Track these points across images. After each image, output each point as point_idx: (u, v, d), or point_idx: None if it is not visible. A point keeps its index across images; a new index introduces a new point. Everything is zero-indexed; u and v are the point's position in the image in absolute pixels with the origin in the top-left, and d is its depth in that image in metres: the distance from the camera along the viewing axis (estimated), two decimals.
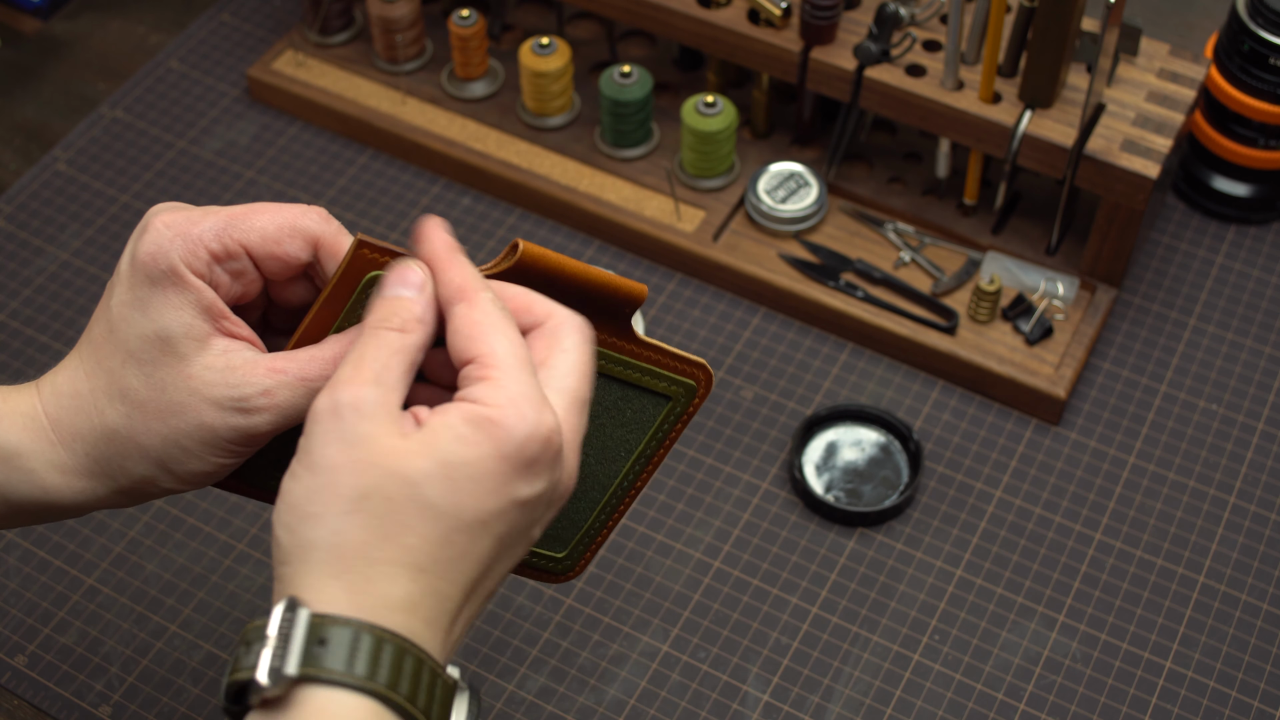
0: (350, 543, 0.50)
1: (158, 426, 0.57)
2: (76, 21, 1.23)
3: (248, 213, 0.58)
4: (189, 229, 0.57)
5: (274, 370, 0.57)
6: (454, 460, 0.51)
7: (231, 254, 0.57)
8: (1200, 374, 1.00)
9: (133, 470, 0.58)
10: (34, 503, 0.59)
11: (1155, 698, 0.86)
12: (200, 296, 0.56)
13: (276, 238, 0.58)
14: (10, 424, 0.59)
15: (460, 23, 1.09)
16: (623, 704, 0.86)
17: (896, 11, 0.97)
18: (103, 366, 0.58)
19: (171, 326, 0.56)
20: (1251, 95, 1.03)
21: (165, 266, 0.56)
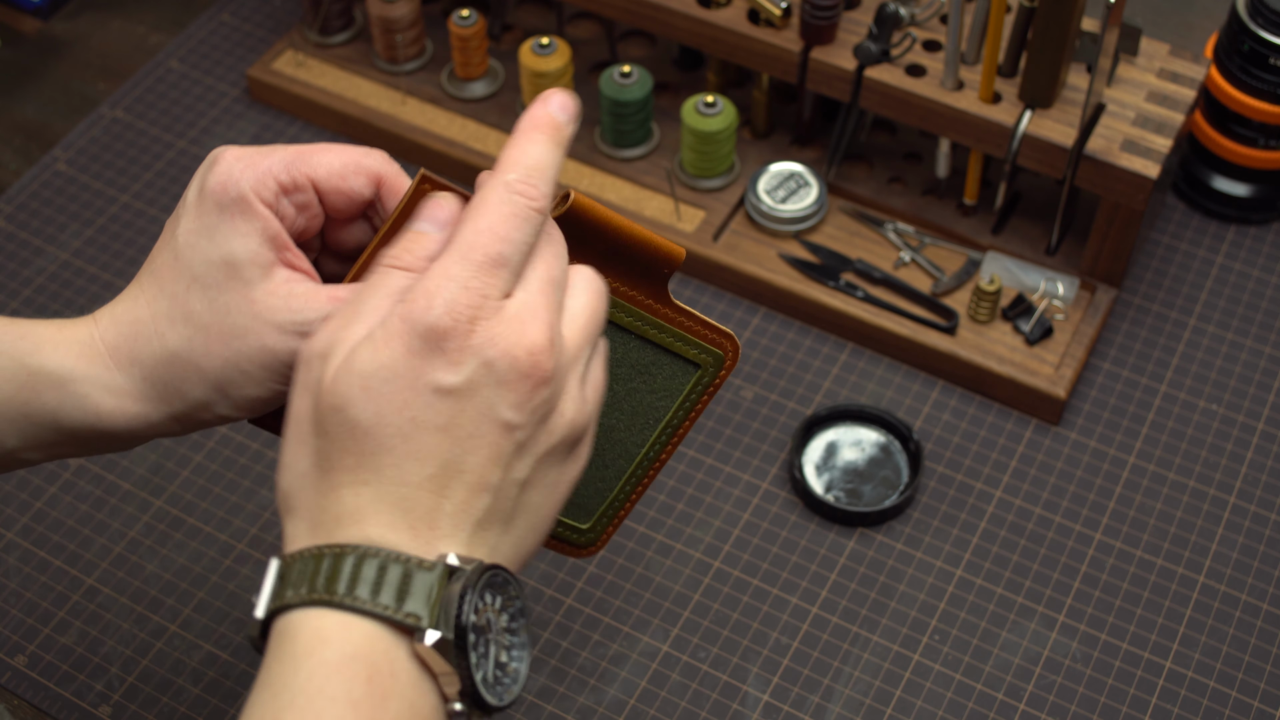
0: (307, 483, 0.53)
1: (219, 349, 0.58)
2: (76, 21, 1.23)
3: (314, 150, 0.60)
4: (259, 160, 0.58)
5: (334, 298, 0.58)
6: (367, 370, 0.52)
7: (299, 186, 0.59)
8: (1200, 374, 1.01)
9: (190, 394, 0.60)
10: (86, 428, 0.61)
11: (1155, 698, 0.86)
12: (267, 225, 0.58)
13: (342, 173, 0.59)
14: (65, 350, 0.60)
15: (460, 23, 1.09)
16: (623, 704, 0.86)
17: (896, 11, 0.97)
18: (165, 292, 0.59)
19: (238, 252, 0.58)
20: (1251, 95, 1.03)
21: (235, 194, 0.58)
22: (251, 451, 0.96)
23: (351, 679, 0.50)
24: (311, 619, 0.51)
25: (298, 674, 0.50)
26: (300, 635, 0.51)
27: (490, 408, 0.53)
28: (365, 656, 0.50)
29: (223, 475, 0.95)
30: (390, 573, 0.51)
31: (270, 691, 0.50)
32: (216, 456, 0.96)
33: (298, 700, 0.49)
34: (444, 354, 0.52)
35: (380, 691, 0.50)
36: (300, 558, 0.52)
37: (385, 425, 0.52)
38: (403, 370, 0.51)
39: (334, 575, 0.51)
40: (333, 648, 0.50)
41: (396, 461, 0.52)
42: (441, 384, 0.52)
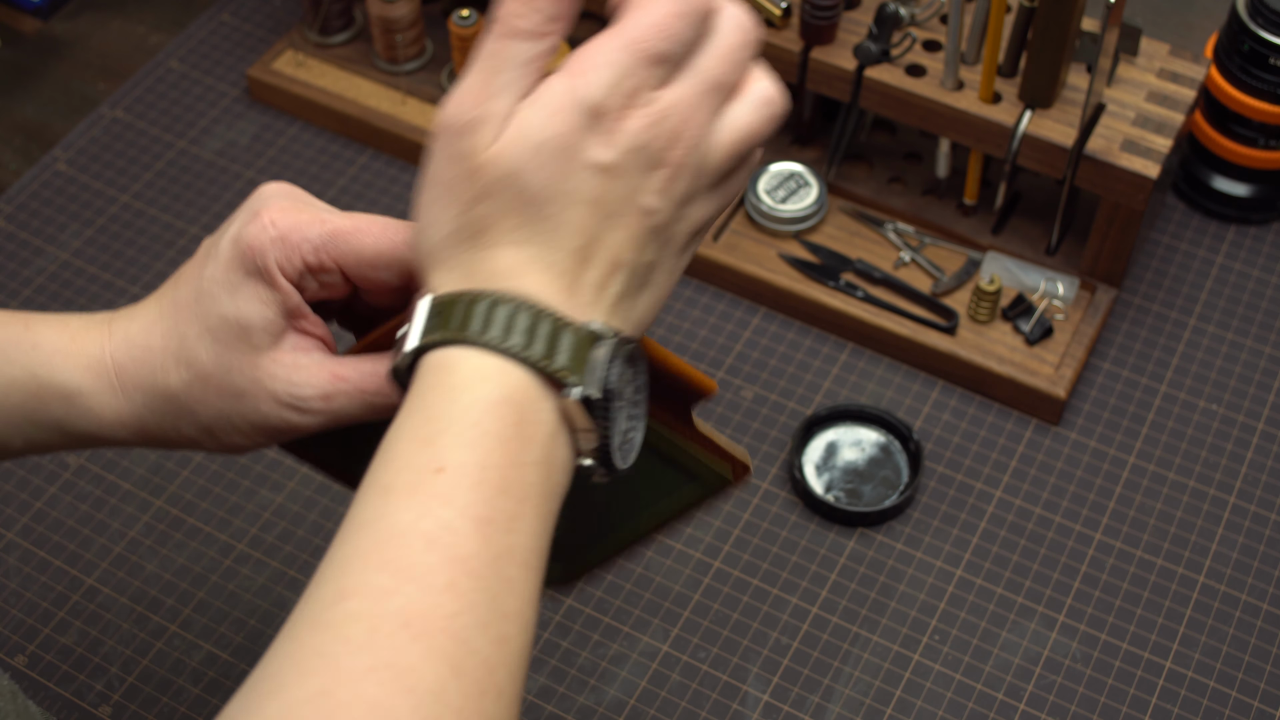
0: (463, 240, 0.54)
1: (215, 401, 0.60)
2: (76, 21, 1.23)
3: (354, 231, 0.60)
4: (290, 235, 0.59)
5: (336, 377, 0.60)
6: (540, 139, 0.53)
7: (325, 269, 0.60)
8: (1200, 374, 1.01)
9: (182, 430, 0.62)
10: (87, 435, 0.63)
11: (1155, 698, 0.86)
12: (286, 299, 0.59)
13: (373, 264, 0.60)
14: (77, 363, 0.62)
15: (460, 23, 1.09)
16: (623, 704, 0.86)
17: (896, 11, 0.97)
18: (179, 330, 0.61)
19: (252, 317, 0.59)
20: (1251, 95, 1.03)
21: (261, 264, 0.59)
22: None
23: (504, 418, 0.52)
24: (470, 357, 0.53)
25: (454, 405, 0.52)
26: (459, 370, 0.53)
27: (633, 191, 0.54)
28: (517, 401, 0.52)
29: (223, 475, 0.95)
30: (542, 325, 0.53)
31: (424, 416, 0.52)
32: (216, 456, 0.96)
33: (453, 428, 0.52)
34: (601, 132, 0.53)
35: (526, 435, 0.52)
36: (459, 299, 0.53)
37: (550, 191, 0.53)
38: (569, 142, 0.53)
39: (492, 319, 0.53)
40: (490, 386, 0.52)
41: (553, 228, 0.54)
42: (597, 160, 0.53)
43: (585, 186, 0.54)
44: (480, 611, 0.50)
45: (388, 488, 0.51)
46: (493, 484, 0.52)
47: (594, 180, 0.54)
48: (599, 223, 0.54)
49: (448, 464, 0.51)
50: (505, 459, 0.52)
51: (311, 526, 0.93)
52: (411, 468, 0.52)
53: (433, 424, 0.52)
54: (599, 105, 0.53)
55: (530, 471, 0.53)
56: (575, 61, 0.53)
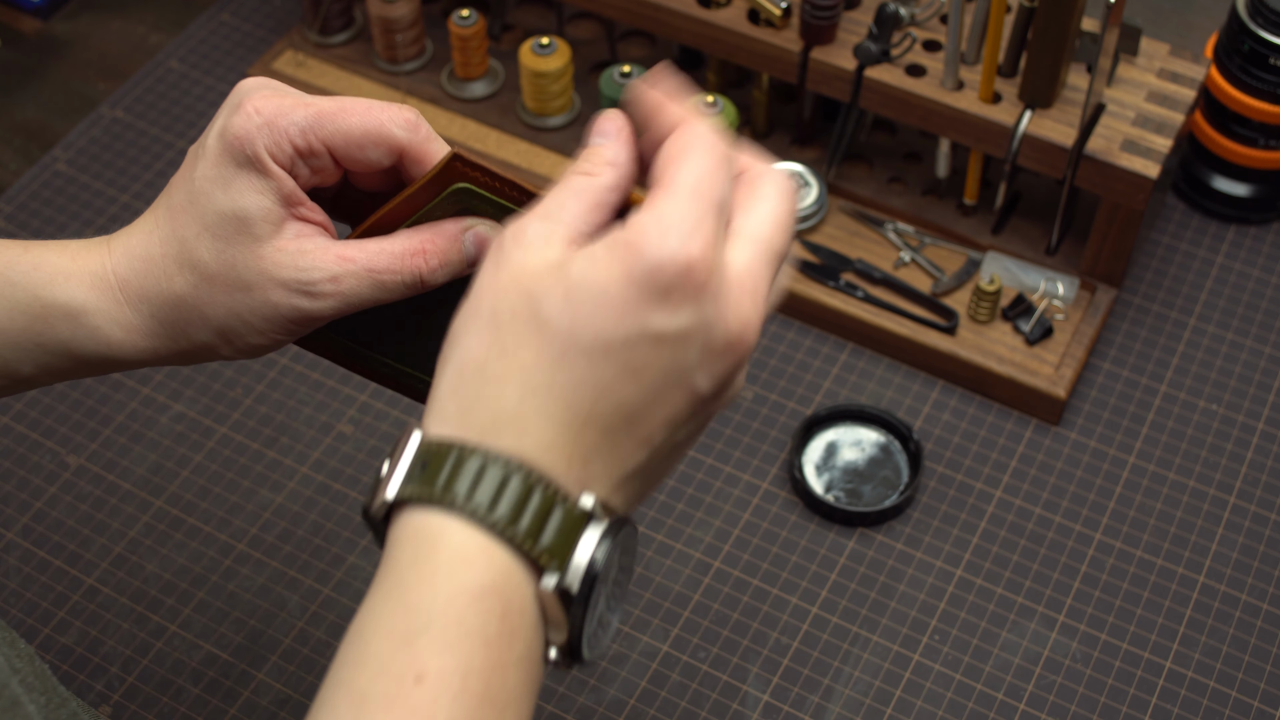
0: (472, 359, 0.50)
1: (223, 299, 0.59)
2: (76, 21, 1.23)
3: (337, 112, 0.58)
4: (276, 120, 0.58)
5: (343, 258, 0.58)
6: (578, 279, 0.49)
7: (314, 152, 0.58)
8: (1200, 374, 1.01)
9: (194, 336, 0.60)
10: (98, 357, 0.62)
11: (1155, 698, 0.86)
12: (281, 185, 0.58)
13: (360, 143, 0.58)
14: (79, 282, 0.61)
15: (460, 23, 1.09)
16: (623, 704, 0.86)
17: (896, 11, 0.97)
18: (177, 234, 0.59)
19: (250, 208, 0.58)
20: (1251, 95, 1.03)
21: (250, 152, 0.57)
22: (251, 451, 0.96)
23: (488, 613, 0.48)
24: (454, 531, 0.48)
25: (437, 596, 0.48)
26: (441, 548, 0.48)
27: (688, 367, 0.50)
28: (501, 590, 0.48)
29: (223, 475, 0.95)
30: (535, 498, 0.48)
31: (404, 605, 0.48)
32: (216, 456, 0.96)
33: (434, 626, 0.47)
34: (667, 296, 0.48)
35: (510, 629, 0.48)
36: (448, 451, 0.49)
37: (577, 339, 0.49)
38: (615, 294, 0.48)
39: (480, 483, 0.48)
40: (474, 574, 0.48)
41: (575, 382, 0.49)
42: (651, 326, 0.49)
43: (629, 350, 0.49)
44: None
45: (362, 696, 0.47)
46: (475, 693, 0.47)
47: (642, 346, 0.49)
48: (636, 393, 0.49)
49: (428, 671, 0.47)
50: (488, 662, 0.48)
51: (311, 526, 0.93)
52: (388, 673, 0.47)
53: (413, 617, 0.48)
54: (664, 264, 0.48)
55: (513, 672, 0.48)
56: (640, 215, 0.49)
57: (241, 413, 0.98)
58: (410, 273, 0.58)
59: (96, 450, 0.96)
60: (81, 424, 0.97)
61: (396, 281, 0.58)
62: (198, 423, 0.97)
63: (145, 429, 0.97)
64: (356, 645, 0.48)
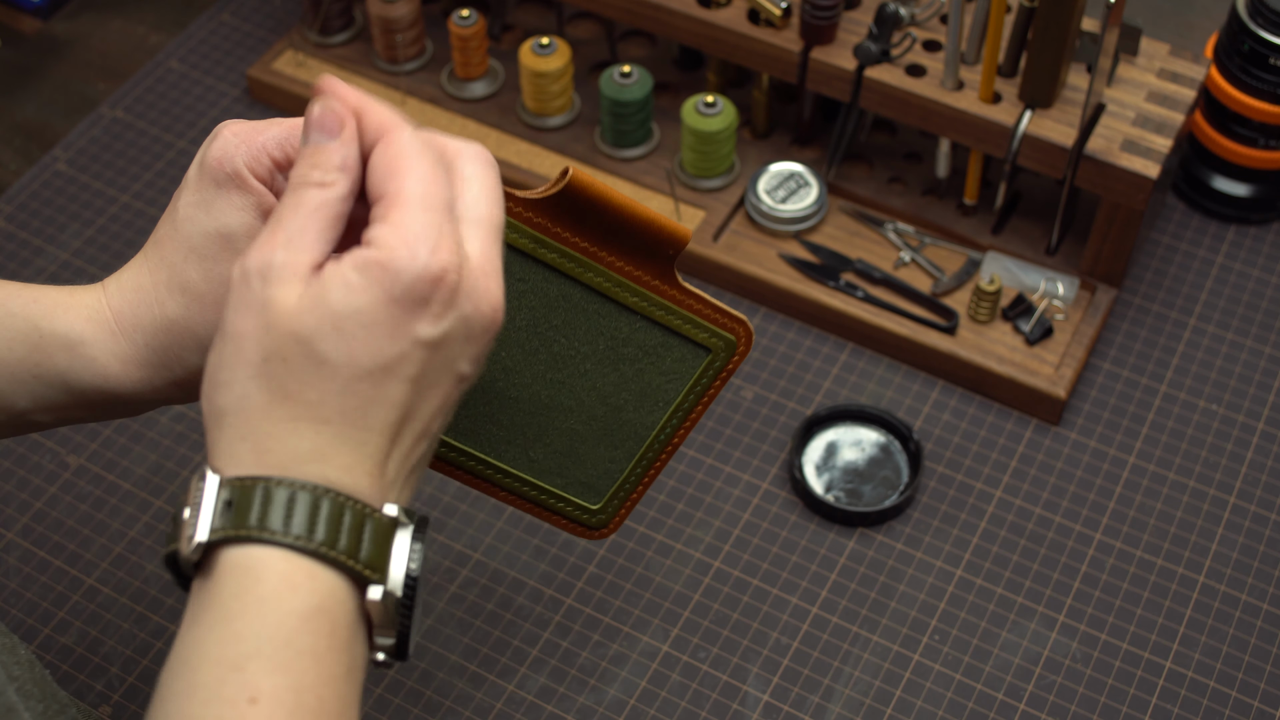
0: (254, 406, 0.51)
1: (214, 317, 0.60)
2: (76, 21, 1.24)
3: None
4: (253, 137, 0.60)
5: None
6: (342, 310, 0.51)
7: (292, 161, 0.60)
8: (1200, 374, 1.01)
9: (189, 360, 0.61)
10: (95, 390, 0.62)
11: (1155, 698, 0.86)
12: (261, 199, 0.60)
13: None
14: (76, 315, 0.62)
15: (460, 23, 1.09)
16: (623, 704, 0.86)
17: (896, 11, 0.97)
18: (165, 261, 0.61)
19: (233, 225, 0.59)
20: (1251, 95, 1.03)
21: (230, 170, 0.59)
22: None
23: (318, 632, 0.50)
24: (277, 561, 0.50)
25: (265, 621, 0.49)
26: (266, 578, 0.50)
27: (454, 360, 0.53)
28: (329, 609, 0.50)
29: None
30: (347, 518, 0.51)
31: (231, 633, 0.49)
32: None
33: (265, 649, 0.49)
34: (428, 306, 0.51)
35: (339, 644, 0.50)
36: (256, 485, 0.51)
37: (357, 367, 0.51)
38: (382, 318, 0.51)
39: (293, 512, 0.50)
40: (301, 597, 0.50)
41: (361, 405, 0.51)
42: (422, 336, 0.52)
43: (406, 362, 0.52)
44: None
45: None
46: (310, 708, 0.49)
47: (416, 354, 0.52)
48: (416, 395, 0.53)
49: (261, 693, 0.48)
50: (320, 677, 0.50)
51: None
52: (220, 699, 0.48)
53: (242, 644, 0.49)
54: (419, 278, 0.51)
55: (343, 684, 0.50)
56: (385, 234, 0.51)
57: None
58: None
59: (96, 450, 0.96)
60: (81, 424, 0.97)
61: None
62: (198, 423, 0.97)
63: (145, 429, 0.97)
64: (183, 676, 0.49)
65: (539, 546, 0.92)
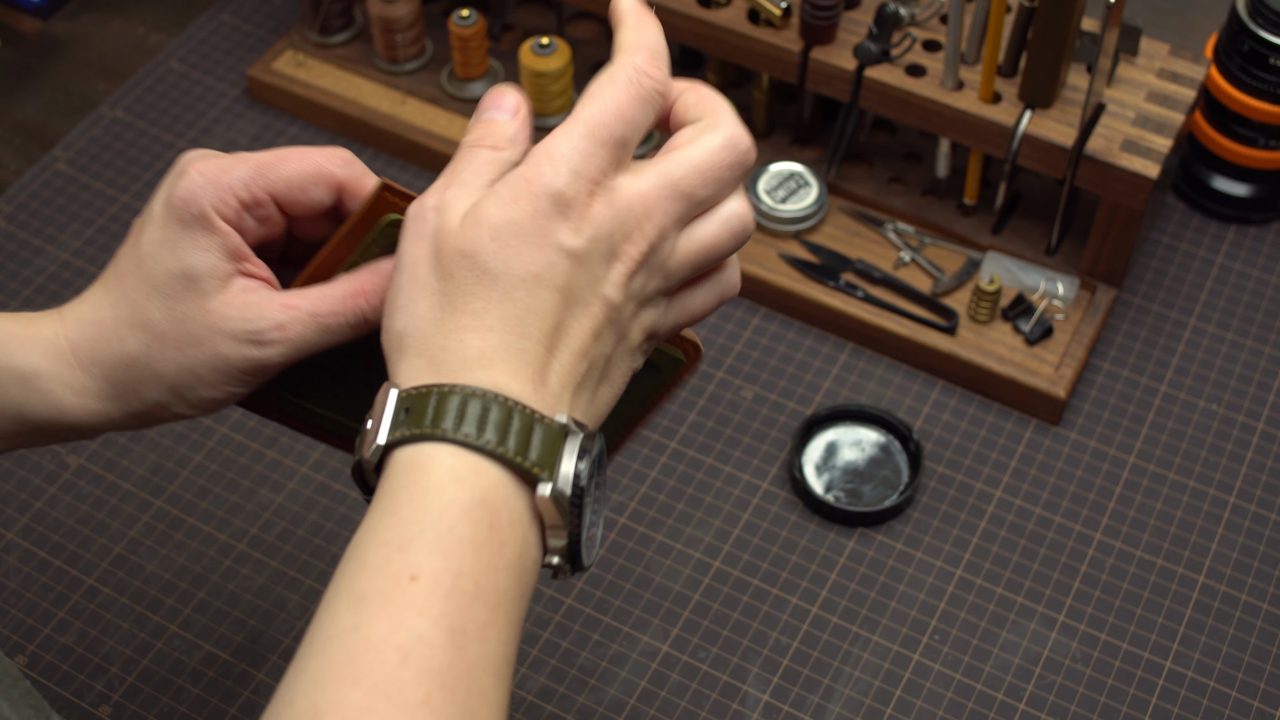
0: (427, 323, 0.55)
1: (175, 355, 0.60)
2: (76, 21, 1.24)
3: (275, 161, 0.62)
4: (220, 177, 0.60)
5: (288, 306, 0.60)
6: (497, 222, 0.54)
7: (259, 202, 0.61)
8: (1200, 374, 1.01)
9: (147, 396, 0.62)
10: (49, 422, 0.62)
11: (1155, 698, 0.86)
12: (226, 241, 0.60)
13: (302, 185, 0.62)
14: (32, 347, 0.62)
15: (460, 23, 1.09)
16: (623, 704, 0.86)
17: (896, 11, 0.97)
18: (127, 298, 0.61)
19: (197, 266, 0.60)
20: (1251, 95, 1.03)
21: (196, 211, 0.60)
22: (251, 451, 0.96)
23: (478, 522, 0.52)
24: (444, 455, 0.53)
25: (429, 509, 0.52)
26: (434, 471, 0.53)
27: (597, 281, 0.55)
28: (491, 502, 0.53)
29: (223, 475, 0.95)
30: (516, 421, 0.53)
31: (398, 519, 0.52)
32: (216, 456, 0.96)
33: (427, 533, 0.52)
34: (567, 218, 0.54)
35: (500, 538, 0.53)
36: (431, 393, 0.54)
37: (512, 275, 0.54)
38: (529, 226, 0.54)
39: (465, 415, 0.53)
40: (465, 488, 0.52)
41: (520, 313, 0.54)
42: (564, 244, 0.54)
43: (553, 271, 0.54)
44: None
45: (360, 595, 0.51)
46: (466, 592, 0.51)
47: (561, 265, 0.54)
48: (566, 309, 0.55)
49: (421, 572, 0.51)
50: (479, 565, 0.52)
51: (311, 526, 0.93)
52: (384, 575, 0.51)
53: (406, 528, 0.52)
54: (561, 192, 0.54)
55: (503, 576, 0.53)
56: (536, 152, 0.55)
57: (241, 412, 0.98)
58: (354, 313, 0.61)
59: (96, 450, 0.96)
60: None
61: (341, 323, 0.61)
62: (198, 423, 0.97)
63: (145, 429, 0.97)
64: (353, 556, 0.53)
65: None
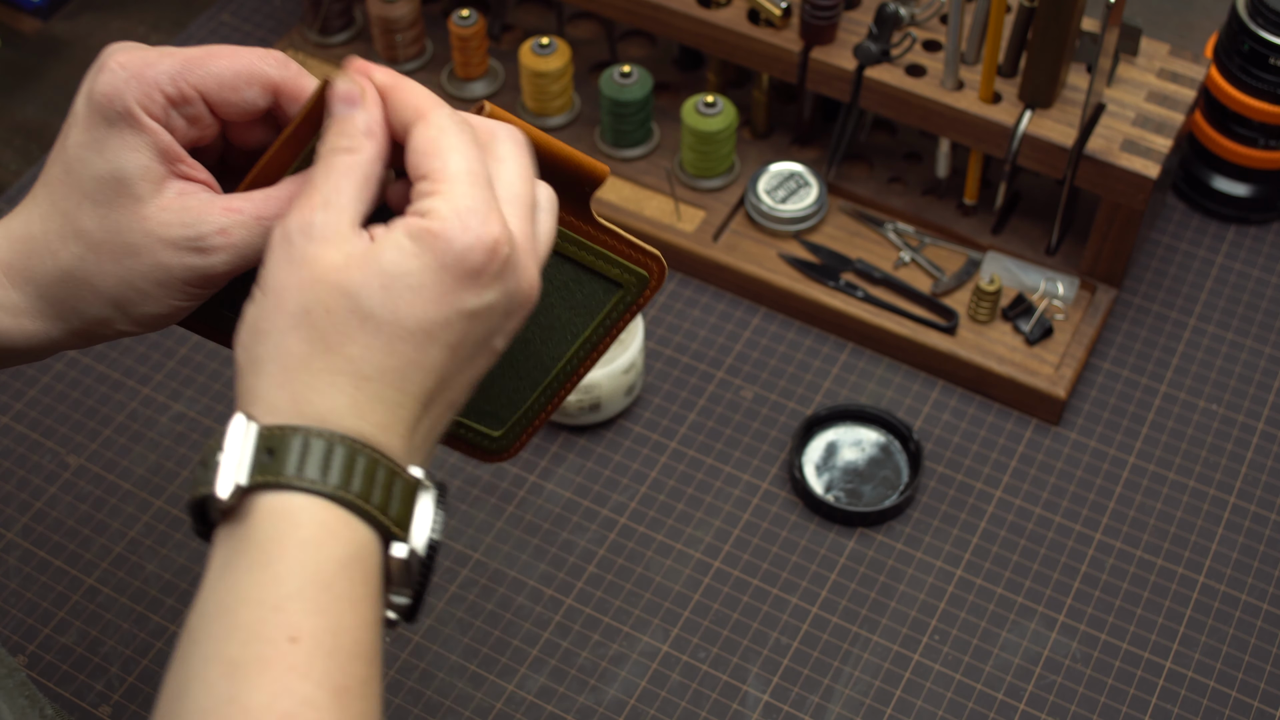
0: (294, 355, 0.51)
1: (113, 268, 0.57)
2: (76, 21, 1.24)
3: (205, 57, 0.57)
4: (144, 71, 0.56)
5: (230, 210, 0.56)
6: (393, 271, 0.51)
7: (187, 99, 0.57)
8: (1200, 374, 1.01)
9: (87, 312, 0.58)
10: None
11: (1155, 698, 0.86)
12: (156, 139, 0.56)
13: (234, 84, 0.57)
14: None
15: (460, 23, 1.09)
16: (623, 704, 0.86)
17: (896, 11, 0.97)
18: (58, 208, 0.58)
19: (127, 168, 0.56)
20: (1251, 95, 1.03)
21: (120, 108, 0.56)
22: None
23: (353, 579, 0.50)
24: (315, 509, 0.50)
25: (304, 566, 0.50)
26: (304, 524, 0.50)
27: (491, 335, 0.54)
28: (363, 559, 0.51)
29: None
30: (380, 475, 0.51)
31: (270, 575, 0.49)
32: None
33: (306, 591, 0.49)
34: (478, 278, 0.52)
35: (371, 593, 0.51)
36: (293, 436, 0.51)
37: (400, 326, 0.51)
38: (430, 282, 0.51)
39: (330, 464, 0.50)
40: (340, 544, 0.50)
41: (402, 367, 0.52)
42: (466, 306, 0.52)
43: (448, 330, 0.52)
44: None
45: (234, 662, 0.48)
46: (347, 650, 0.49)
47: (459, 325, 0.52)
48: (452, 365, 0.53)
49: (301, 632, 0.49)
50: (356, 621, 0.50)
51: None
52: (260, 638, 0.48)
53: (281, 586, 0.49)
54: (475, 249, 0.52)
55: (373, 632, 0.51)
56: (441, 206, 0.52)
57: None
58: None
59: (96, 450, 0.96)
60: (81, 424, 0.97)
61: None
62: (198, 423, 0.97)
63: (145, 429, 0.97)
64: (219, 619, 0.49)
65: (539, 546, 0.92)
